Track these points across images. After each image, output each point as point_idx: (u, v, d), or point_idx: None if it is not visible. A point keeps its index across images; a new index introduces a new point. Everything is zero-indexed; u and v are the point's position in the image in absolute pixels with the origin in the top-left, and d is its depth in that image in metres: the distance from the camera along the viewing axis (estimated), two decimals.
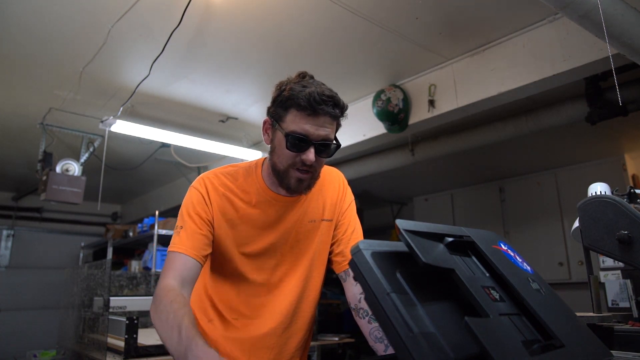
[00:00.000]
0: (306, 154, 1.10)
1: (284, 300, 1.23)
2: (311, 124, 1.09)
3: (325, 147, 1.12)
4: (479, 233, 0.86)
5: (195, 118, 4.06)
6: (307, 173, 1.14)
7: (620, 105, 3.02)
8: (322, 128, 1.10)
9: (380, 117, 3.38)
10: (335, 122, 1.13)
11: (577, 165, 5.05)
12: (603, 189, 1.39)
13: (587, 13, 1.83)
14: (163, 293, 1.05)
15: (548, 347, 0.69)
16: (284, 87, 1.12)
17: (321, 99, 1.07)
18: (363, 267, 0.68)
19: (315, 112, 1.08)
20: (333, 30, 2.75)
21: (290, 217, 1.24)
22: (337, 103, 1.10)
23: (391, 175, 5.11)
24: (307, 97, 1.06)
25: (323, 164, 1.19)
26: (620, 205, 1.12)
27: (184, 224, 1.16)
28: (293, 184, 1.15)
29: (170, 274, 1.09)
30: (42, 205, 6.70)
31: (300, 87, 1.10)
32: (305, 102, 1.07)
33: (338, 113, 1.11)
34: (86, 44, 2.82)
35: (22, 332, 6.00)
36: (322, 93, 1.07)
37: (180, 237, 1.14)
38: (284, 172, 1.15)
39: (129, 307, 3.23)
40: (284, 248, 1.24)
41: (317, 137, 1.10)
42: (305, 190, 1.19)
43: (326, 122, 1.10)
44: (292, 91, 1.09)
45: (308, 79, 1.15)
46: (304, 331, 1.28)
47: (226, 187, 1.22)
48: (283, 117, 1.12)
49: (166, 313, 1.00)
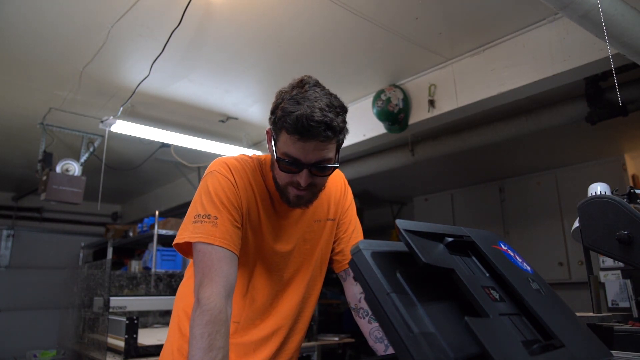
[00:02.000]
0: (299, 176, 1.06)
1: (289, 301, 1.21)
2: (301, 148, 1.02)
3: (320, 168, 1.06)
4: (479, 233, 0.86)
5: (195, 118, 4.06)
6: (305, 191, 1.10)
7: (620, 105, 3.02)
8: (314, 152, 1.03)
9: (380, 117, 3.38)
10: (330, 142, 1.04)
11: (577, 165, 5.05)
12: (603, 189, 1.38)
13: (587, 13, 1.83)
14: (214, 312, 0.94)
15: (548, 347, 0.69)
16: (280, 102, 1.05)
17: (309, 124, 0.98)
18: (363, 267, 0.68)
19: (303, 137, 1.00)
20: (333, 30, 2.75)
21: (301, 218, 1.22)
22: (329, 125, 1.00)
23: (391, 175, 5.11)
24: (294, 122, 0.98)
25: (324, 181, 1.13)
26: (620, 205, 1.12)
27: (220, 214, 1.05)
28: (292, 199, 1.12)
29: (219, 279, 0.98)
30: (42, 205, 6.70)
31: (293, 105, 1.00)
32: (292, 129, 0.99)
33: (330, 136, 1.02)
34: (86, 44, 2.82)
35: (22, 332, 6.00)
36: (311, 118, 0.98)
37: (220, 229, 1.03)
38: (283, 188, 1.12)
39: (129, 307, 3.23)
40: (294, 249, 1.22)
41: (309, 160, 1.04)
42: (305, 205, 1.15)
43: (317, 146, 1.02)
44: (283, 112, 1.01)
45: (308, 88, 1.04)
46: (304, 330, 1.28)
47: (249, 177, 1.16)
48: (277, 136, 1.06)
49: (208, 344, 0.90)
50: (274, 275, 1.20)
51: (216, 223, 1.04)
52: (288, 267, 1.22)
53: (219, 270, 0.99)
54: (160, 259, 4.13)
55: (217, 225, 1.04)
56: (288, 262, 1.21)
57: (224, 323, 0.94)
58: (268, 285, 1.20)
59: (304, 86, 1.05)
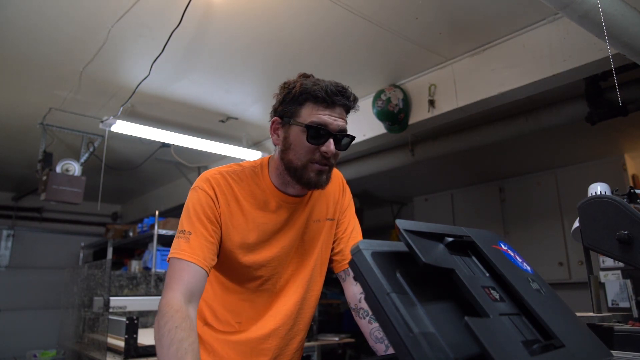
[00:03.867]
0: (326, 145, 1.10)
1: (287, 301, 1.21)
2: (329, 114, 1.10)
3: (342, 138, 1.13)
4: (479, 233, 0.86)
5: (195, 118, 4.06)
6: (326, 165, 1.13)
7: (620, 105, 3.02)
8: (340, 119, 1.12)
9: (380, 117, 3.38)
10: (348, 113, 1.16)
11: (577, 165, 5.05)
12: (603, 189, 1.38)
13: (587, 13, 1.83)
14: (170, 312, 0.97)
15: (548, 347, 0.69)
16: (293, 85, 1.13)
17: (337, 90, 1.10)
18: (363, 267, 0.68)
19: (332, 103, 1.10)
20: (333, 30, 2.75)
21: (299, 218, 1.22)
22: (350, 95, 1.13)
23: (391, 175, 5.11)
24: (323, 89, 1.09)
25: (339, 156, 1.18)
26: (620, 205, 1.12)
27: (194, 230, 1.10)
28: (314, 177, 1.12)
29: (178, 286, 1.02)
30: (42, 205, 6.70)
31: (311, 82, 1.11)
32: (322, 94, 1.09)
33: (351, 104, 1.14)
34: (86, 44, 2.82)
35: (22, 332, 6.00)
36: (338, 85, 1.11)
37: (191, 245, 1.07)
38: (303, 167, 1.12)
39: (129, 307, 3.23)
40: (291, 250, 1.21)
41: (335, 128, 1.11)
42: (325, 183, 1.15)
43: (342, 114, 1.13)
44: (305, 86, 1.10)
45: (312, 78, 1.16)
46: (304, 331, 1.27)
47: (233, 188, 1.17)
48: (298, 112, 1.12)
49: (169, 340, 0.93)
50: (270, 277, 1.19)
51: (188, 239, 1.09)
52: (285, 269, 1.21)
53: (179, 279, 1.03)
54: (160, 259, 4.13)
55: (188, 241, 1.09)
56: (286, 263, 1.21)
57: (184, 319, 0.97)
58: (266, 287, 1.19)
59: (310, 76, 1.16)
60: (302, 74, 1.18)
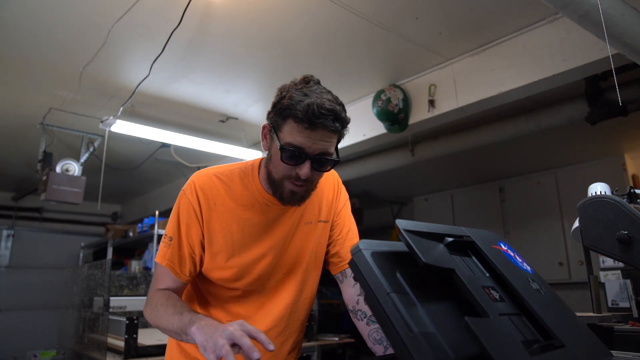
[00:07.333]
0: (301, 168, 1.05)
1: (279, 303, 1.20)
2: (308, 137, 1.02)
3: (322, 161, 1.06)
4: (479, 233, 0.86)
5: (195, 118, 4.06)
6: (302, 187, 1.09)
7: (620, 105, 3.02)
8: (320, 142, 1.03)
9: (380, 117, 3.38)
10: (335, 135, 1.06)
11: (577, 165, 5.05)
12: (603, 189, 1.38)
13: (587, 13, 1.83)
14: (157, 295, 1.12)
15: (548, 347, 0.69)
16: (285, 93, 1.06)
17: (320, 112, 1.00)
18: (363, 267, 0.68)
19: (312, 125, 1.01)
20: (333, 30, 2.75)
21: (288, 220, 1.20)
22: (338, 116, 1.03)
23: (391, 175, 5.11)
24: (305, 108, 1.00)
25: (319, 177, 1.14)
26: (620, 205, 1.12)
27: (175, 236, 1.15)
28: (286, 195, 1.10)
29: (161, 287, 1.16)
30: (42, 205, 6.70)
31: (301, 95, 1.03)
32: (302, 115, 1.00)
33: (338, 127, 1.04)
34: (86, 44, 2.82)
35: (22, 332, 5.99)
36: (322, 105, 1.00)
37: (171, 251, 1.15)
38: (278, 183, 1.10)
39: (129, 307, 3.23)
40: (281, 252, 1.20)
41: (313, 151, 1.03)
42: (298, 203, 1.14)
43: (324, 136, 1.03)
44: (292, 100, 1.02)
45: (312, 84, 1.07)
46: (299, 333, 1.26)
47: (219, 190, 1.16)
48: (280, 127, 1.06)
49: (164, 306, 1.06)
50: (260, 279, 1.19)
51: (169, 244, 1.15)
52: (275, 271, 1.20)
53: (162, 282, 1.16)
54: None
55: (169, 247, 1.15)
56: (275, 265, 1.19)
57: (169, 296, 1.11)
58: (256, 287, 1.19)
59: (309, 82, 1.08)
60: (304, 77, 1.10)
